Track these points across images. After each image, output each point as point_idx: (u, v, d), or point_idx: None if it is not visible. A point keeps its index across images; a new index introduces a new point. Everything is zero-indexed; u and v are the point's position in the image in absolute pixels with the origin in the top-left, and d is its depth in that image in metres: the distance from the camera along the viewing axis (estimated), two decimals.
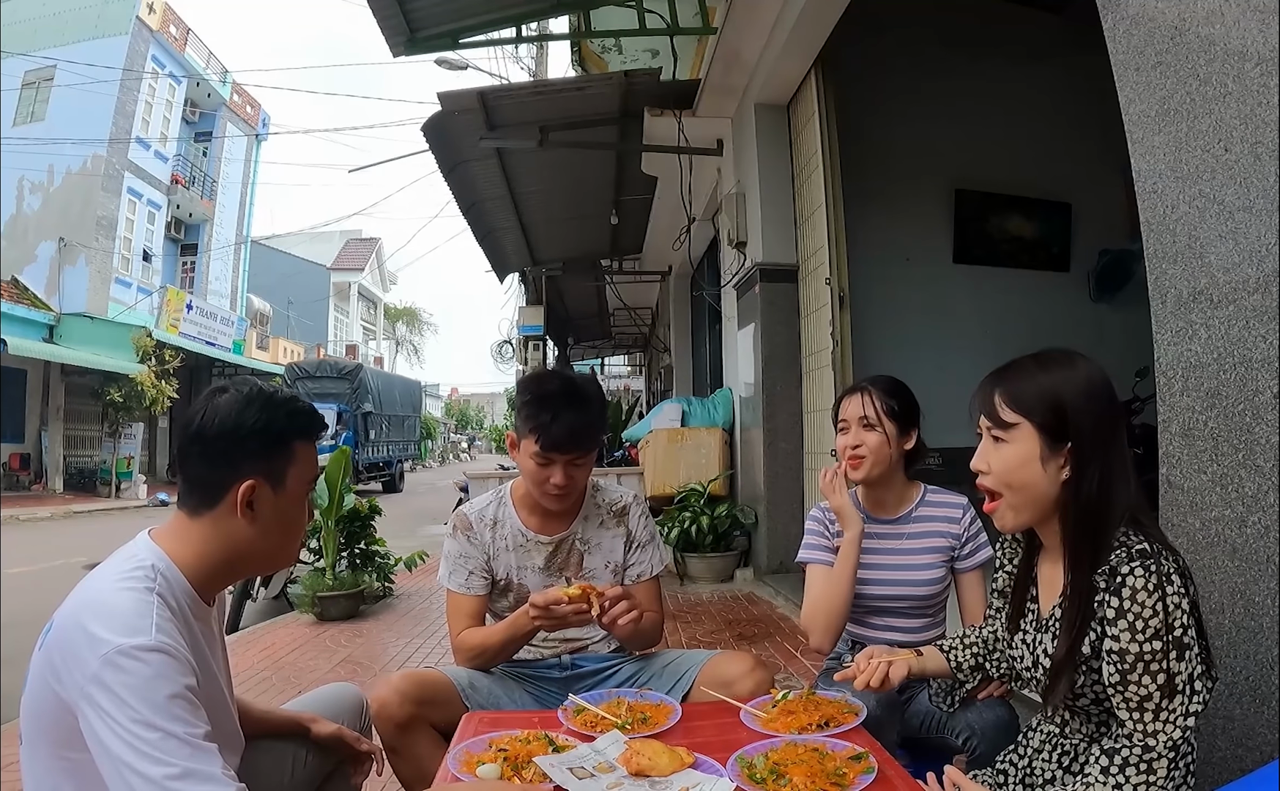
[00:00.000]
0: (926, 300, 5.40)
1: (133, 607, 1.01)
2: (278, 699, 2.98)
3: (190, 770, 0.95)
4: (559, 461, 1.69)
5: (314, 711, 1.52)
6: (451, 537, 1.86)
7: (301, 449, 1.18)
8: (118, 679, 0.95)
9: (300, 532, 1.22)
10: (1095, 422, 1.08)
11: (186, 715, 0.98)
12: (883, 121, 5.24)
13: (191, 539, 1.13)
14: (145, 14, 18.20)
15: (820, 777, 1.11)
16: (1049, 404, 1.09)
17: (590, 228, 9.09)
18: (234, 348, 21.31)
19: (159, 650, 0.99)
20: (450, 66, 9.35)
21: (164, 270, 20.24)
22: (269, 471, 1.13)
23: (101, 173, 17.50)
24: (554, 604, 1.59)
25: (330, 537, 4.82)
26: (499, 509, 1.86)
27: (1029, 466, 1.10)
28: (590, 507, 1.87)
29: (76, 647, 0.99)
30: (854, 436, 1.75)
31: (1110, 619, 1.01)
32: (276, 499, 1.14)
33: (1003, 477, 1.13)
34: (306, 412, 1.21)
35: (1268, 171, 1.28)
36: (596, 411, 1.76)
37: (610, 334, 15.23)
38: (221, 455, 1.12)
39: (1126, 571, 1.01)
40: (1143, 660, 0.98)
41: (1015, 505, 1.13)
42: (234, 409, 1.13)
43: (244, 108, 23.21)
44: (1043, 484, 1.10)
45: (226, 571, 1.17)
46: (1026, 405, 1.10)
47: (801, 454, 4.96)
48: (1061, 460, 1.09)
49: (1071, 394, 1.09)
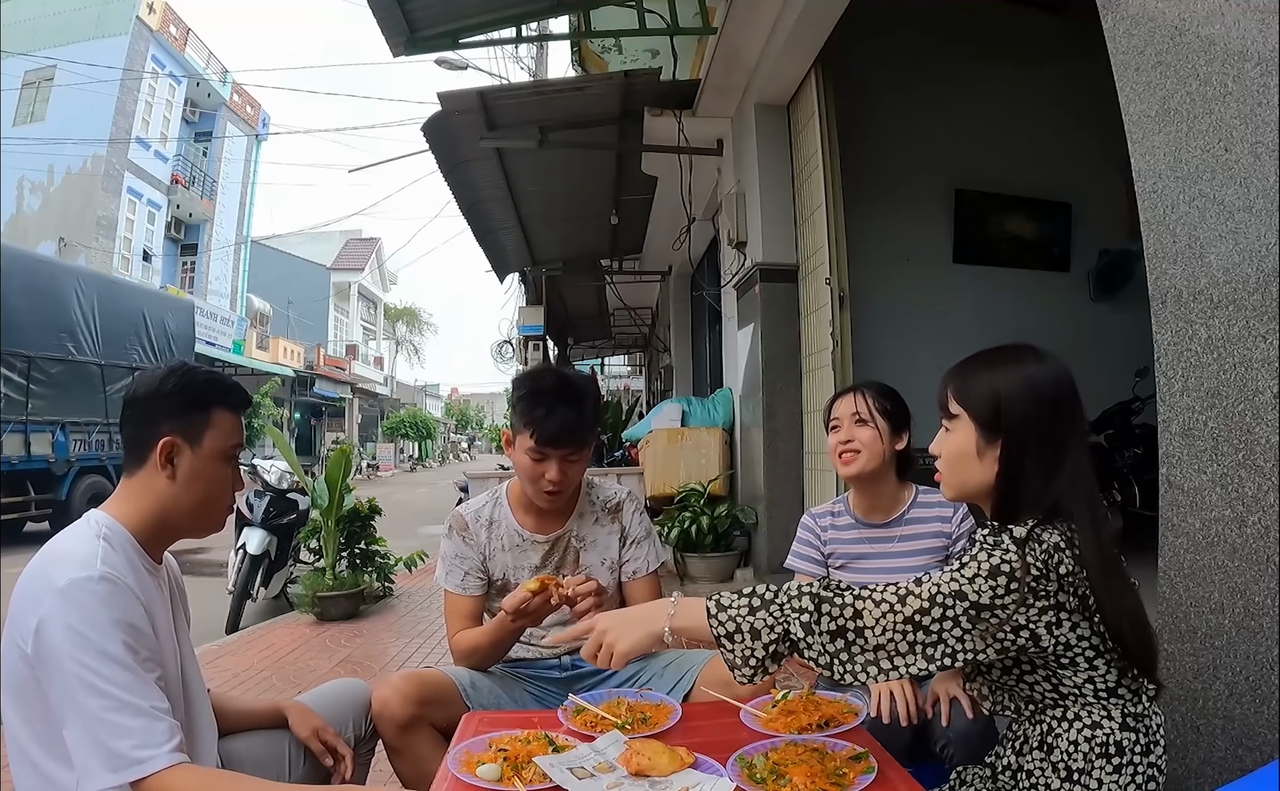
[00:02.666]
0: (926, 300, 5.39)
1: (81, 550, 1.13)
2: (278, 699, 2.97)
3: (125, 702, 1.02)
4: (554, 457, 1.71)
5: (320, 708, 1.53)
6: (448, 538, 1.87)
7: (219, 414, 1.27)
8: (68, 608, 1.05)
9: (223, 494, 1.30)
10: (1025, 419, 1.13)
11: (131, 641, 1.07)
12: (883, 121, 5.24)
13: (130, 498, 1.24)
14: (145, 14, 18.21)
15: (820, 777, 1.11)
16: (985, 398, 1.16)
17: (590, 228, 9.09)
18: (234, 347, 21.29)
19: (105, 579, 1.09)
20: (450, 66, 9.35)
21: (164, 270, 20.24)
22: (185, 429, 1.24)
23: (101, 173, 17.51)
24: (521, 604, 1.59)
25: (330, 537, 4.82)
26: (495, 509, 1.87)
27: (966, 455, 1.18)
28: (585, 505, 1.87)
29: (35, 593, 1.08)
30: (846, 432, 1.78)
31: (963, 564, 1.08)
32: (194, 456, 1.24)
33: (945, 462, 1.22)
34: (225, 384, 1.33)
35: (1268, 171, 1.28)
36: (591, 408, 1.77)
37: (610, 334, 15.21)
38: (144, 415, 1.25)
39: (980, 544, 1.13)
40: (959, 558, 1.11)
41: (952, 484, 1.23)
42: (158, 376, 1.27)
43: (244, 108, 23.22)
44: (978, 472, 1.17)
45: (161, 527, 1.26)
46: (967, 398, 1.18)
47: (801, 454, 4.96)
48: (998, 450, 1.15)
49: (1008, 390, 1.14)
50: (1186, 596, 1.47)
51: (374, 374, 35.39)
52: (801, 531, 1.87)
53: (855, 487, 1.84)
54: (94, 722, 1.00)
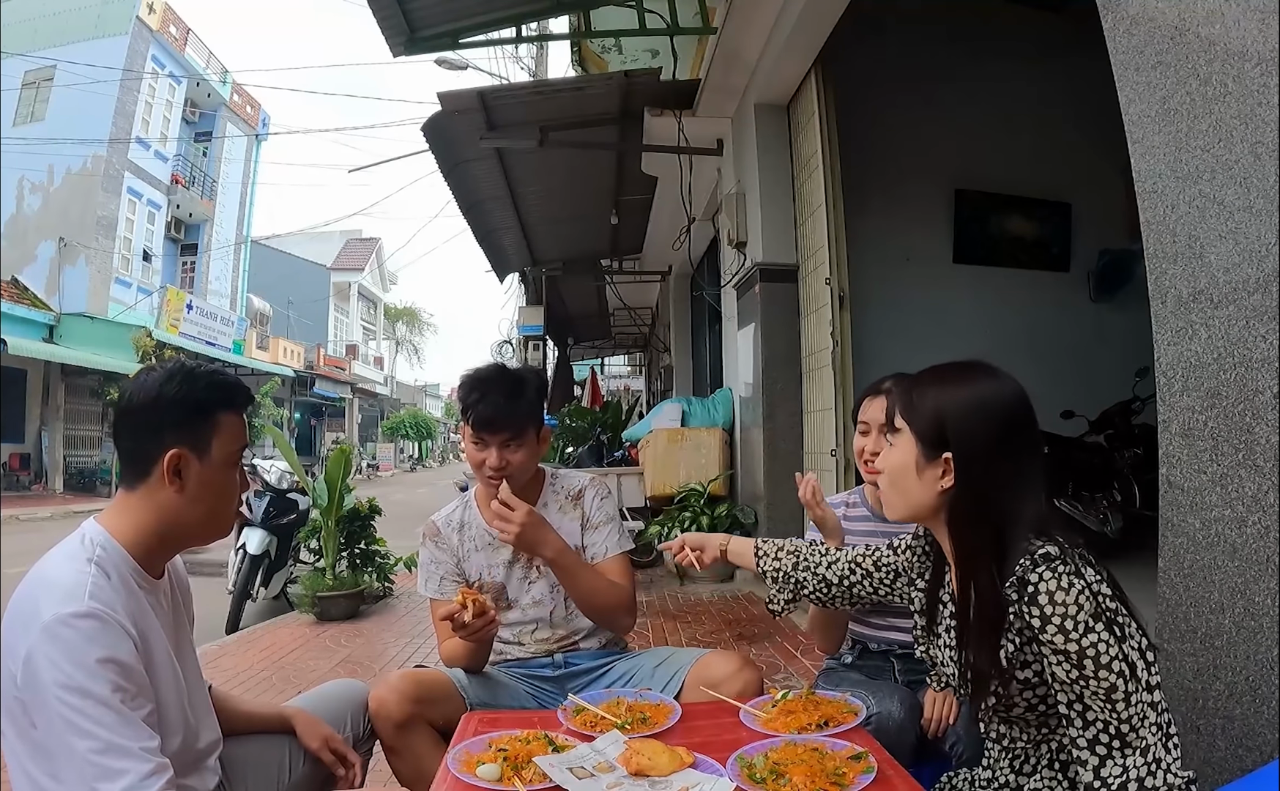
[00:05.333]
0: (926, 300, 5.40)
1: (70, 579, 1.07)
2: (278, 699, 2.97)
3: (112, 744, 0.99)
4: (492, 443, 1.75)
5: (319, 708, 1.53)
6: (423, 546, 1.91)
7: (225, 418, 1.22)
8: (53, 646, 1.01)
9: (231, 501, 1.25)
10: (974, 436, 1.10)
11: (118, 680, 1.03)
12: (883, 121, 5.24)
13: (129, 512, 1.18)
14: (145, 14, 18.21)
15: (820, 777, 1.11)
16: (929, 415, 1.14)
17: (590, 228, 9.09)
18: (234, 347, 21.30)
19: (91, 615, 1.04)
20: (450, 66, 9.35)
21: (164, 270, 20.24)
22: (193, 441, 1.18)
23: (101, 173, 17.50)
24: (456, 617, 1.57)
25: (330, 537, 4.82)
26: (465, 512, 1.91)
27: (905, 470, 1.16)
28: (549, 495, 1.89)
29: (25, 620, 1.05)
30: (874, 442, 1.72)
31: (1038, 627, 1.00)
32: (202, 467, 1.18)
33: (886, 476, 1.20)
34: (230, 384, 1.26)
35: (1268, 171, 1.28)
36: (531, 395, 1.79)
37: (610, 334, 15.20)
38: (146, 427, 1.17)
39: (1035, 578, 1.01)
40: (1087, 656, 0.97)
41: (892, 502, 1.20)
42: (157, 382, 1.18)
43: (244, 108, 23.21)
44: (916, 488, 1.15)
45: (164, 541, 1.21)
46: (910, 414, 1.16)
47: (801, 454, 4.96)
48: (939, 469, 1.12)
49: (953, 408, 1.12)
50: (1186, 596, 1.47)
51: (374, 374, 35.39)
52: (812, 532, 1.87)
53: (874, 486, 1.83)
54: (82, 763, 0.98)
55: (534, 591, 1.86)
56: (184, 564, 1.36)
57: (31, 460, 15.98)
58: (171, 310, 18.62)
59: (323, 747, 1.45)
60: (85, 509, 13.74)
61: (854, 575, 1.43)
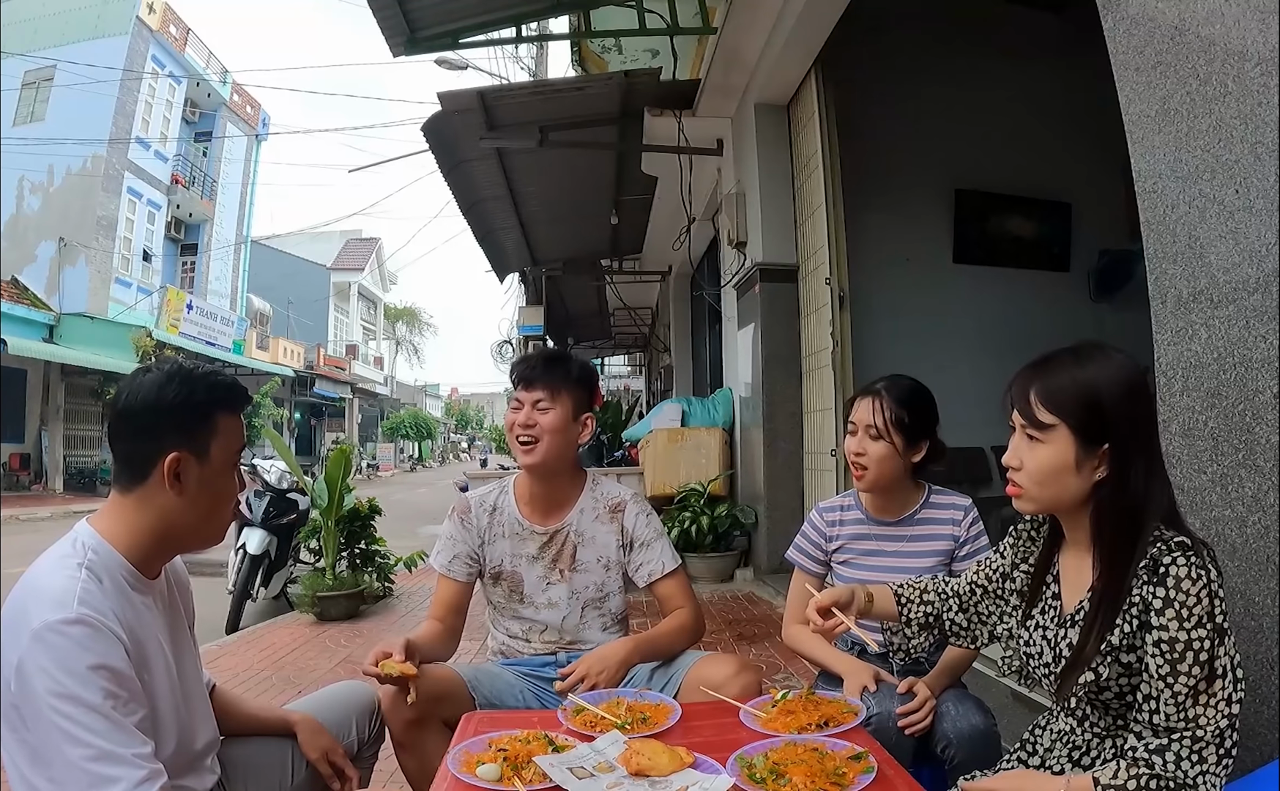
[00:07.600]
0: (926, 300, 5.39)
1: (59, 585, 1.06)
2: (278, 699, 2.98)
3: (105, 751, 0.99)
4: (525, 402, 1.80)
5: (324, 710, 1.52)
6: (449, 519, 1.92)
7: (224, 420, 1.21)
8: (43, 653, 1.00)
9: (229, 503, 1.25)
10: (1134, 422, 1.06)
11: (110, 686, 1.02)
12: (883, 121, 5.24)
13: (125, 515, 1.16)
14: (145, 14, 18.21)
15: (820, 777, 1.11)
16: (1087, 405, 1.06)
17: (590, 228, 9.09)
18: (234, 347, 21.30)
19: (81, 622, 1.03)
20: (450, 66, 9.35)
21: (164, 270, 20.24)
22: (192, 443, 1.16)
23: (101, 173, 17.50)
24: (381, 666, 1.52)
25: (330, 537, 4.82)
26: (500, 497, 1.91)
27: (1063, 469, 1.08)
28: (587, 500, 1.89)
29: (16, 625, 1.04)
30: (859, 444, 1.72)
31: (1158, 609, 1.01)
32: (202, 470, 1.17)
33: (1034, 477, 1.11)
34: (228, 385, 1.24)
35: (1268, 171, 1.28)
36: (568, 367, 1.87)
37: (610, 334, 15.20)
38: (145, 430, 1.16)
39: (1169, 561, 1.01)
40: (1191, 648, 0.98)
41: (1039, 499, 1.12)
42: (156, 385, 1.17)
43: (244, 108, 23.21)
44: (1074, 485, 1.09)
45: (162, 544, 1.20)
46: (1063, 407, 1.07)
47: (801, 454, 4.96)
48: (1096, 461, 1.07)
49: (1110, 393, 1.06)
50: None
51: (374, 374, 35.39)
52: (807, 526, 1.86)
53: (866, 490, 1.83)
54: (76, 771, 0.98)
55: (550, 593, 1.86)
56: (183, 563, 1.35)
57: (31, 460, 15.98)
58: (171, 310, 18.62)
59: (321, 759, 1.44)
60: (85, 509, 13.74)
61: (974, 593, 1.34)
